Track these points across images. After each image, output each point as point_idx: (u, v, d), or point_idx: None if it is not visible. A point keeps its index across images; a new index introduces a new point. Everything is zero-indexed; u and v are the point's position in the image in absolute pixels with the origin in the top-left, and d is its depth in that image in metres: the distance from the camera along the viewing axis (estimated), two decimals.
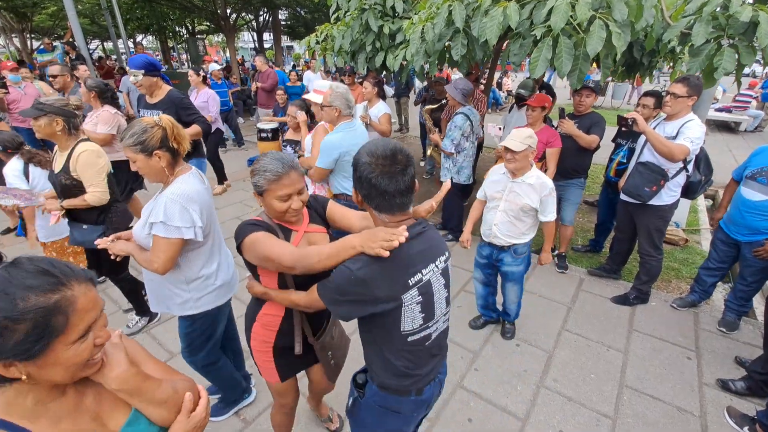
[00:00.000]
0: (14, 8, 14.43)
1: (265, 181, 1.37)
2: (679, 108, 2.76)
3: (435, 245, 1.29)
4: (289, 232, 1.48)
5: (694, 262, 3.94)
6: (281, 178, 1.36)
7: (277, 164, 1.38)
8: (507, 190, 2.53)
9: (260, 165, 1.40)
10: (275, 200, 1.38)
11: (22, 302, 0.67)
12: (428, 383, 1.37)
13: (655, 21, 2.77)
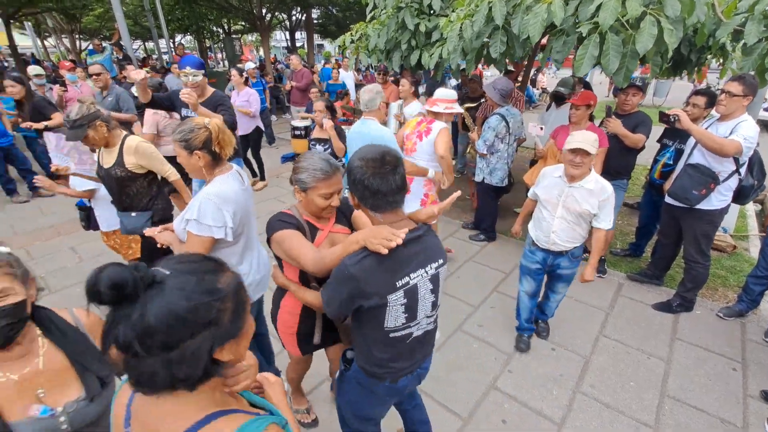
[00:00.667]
0: (64, 10, 15.26)
1: (312, 179, 1.46)
2: (734, 108, 2.62)
3: (430, 251, 1.34)
4: (315, 230, 1.57)
5: (742, 269, 3.74)
6: (329, 178, 1.47)
7: (325, 164, 1.47)
8: (564, 195, 2.35)
9: (308, 163, 1.47)
10: (318, 197, 1.47)
11: (220, 283, 0.71)
12: (404, 376, 1.47)
13: (706, 17, 2.64)
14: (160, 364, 0.66)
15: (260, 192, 5.79)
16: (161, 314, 0.64)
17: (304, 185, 1.47)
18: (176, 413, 0.72)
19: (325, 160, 1.48)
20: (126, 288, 0.63)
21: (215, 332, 0.69)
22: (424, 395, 2.43)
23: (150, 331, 0.64)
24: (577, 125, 3.26)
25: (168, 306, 0.65)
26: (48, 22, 17.89)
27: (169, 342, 0.65)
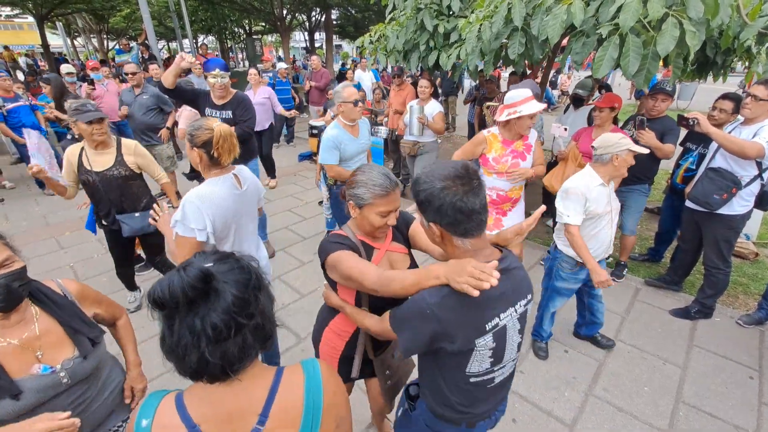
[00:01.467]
0: (94, 10, 15.79)
1: (370, 195, 1.33)
2: (760, 112, 2.57)
3: (519, 285, 1.18)
4: (371, 249, 1.44)
5: (764, 277, 3.64)
6: (389, 194, 1.34)
7: (385, 180, 1.34)
8: (611, 200, 2.34)
9: (366, 177, 1.35)
10: (375, 215, 1.35)
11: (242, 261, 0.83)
12: (482, 420, 1.30)
13: (731, 19, 2.59)
14: (251, 332, 0.76)
15: (276, 190, 5.90)
16: (240, 287, 0.76)
17: (360, 201, 1.35)
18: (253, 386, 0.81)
19: (384, 175, 1.34)
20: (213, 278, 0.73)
21: (268, 295, 0.83)
22: None
23: (242, 301, 0.75)
24: (601, 128, 3.23)
25: (238, 280, 0.77)
26: (78, 23, 18.54)
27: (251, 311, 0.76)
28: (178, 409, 0.79)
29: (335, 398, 0.87)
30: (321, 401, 0.84)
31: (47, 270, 3.92)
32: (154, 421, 0.78)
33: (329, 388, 0.87)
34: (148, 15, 7.51)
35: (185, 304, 0.71)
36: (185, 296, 0.70)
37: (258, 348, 0.79)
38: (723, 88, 3.87)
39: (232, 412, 0.79)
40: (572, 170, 3.34)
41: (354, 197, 1.37)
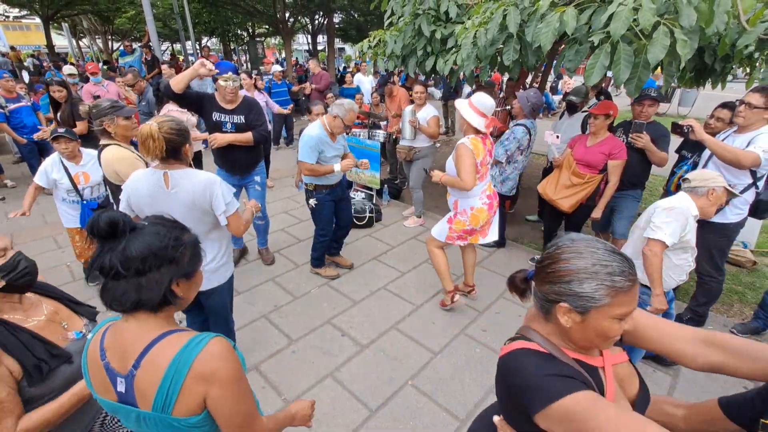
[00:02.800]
0: (99, 12, 15.95)
1: (607, 292, 0.84)
2: (754, 120, 2.57)
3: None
4: (594, 371, 0.94)
5: (762, 286, 3.62)
6: (634, 286, 0.87)
7: (623, 263, 0.87)
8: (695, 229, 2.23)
9: (593, 262, 0.86)
10: (611, 321, 0.86)
11: (183, 237, 0.98)
12: None
13: (727, 26, 2.60)
14: (132, 288, 0.90)
15: (273, 191, 5.92)
16: (140, 248, 0.90)
17: (588, 303, 0.85)
18: (140, 334, 0.94)
19: (615, 253, 0.88)
20: (118, 226, 0.88)
21: (175, 269, 0.95)
22: (425, 397, 2.46)
23: (130, 258, 0.89)
24: (596, 135, 3.23)
25: (145, 242, 0.91)
26: (83, 24, 18.73)
27: (142, 269, 0.90)
28: (102, 335, 0.99)
29: (206, 379, 0.90)
30: (185, 371, 0.89)
31: (45, 268, 3.95)
32: (93, 338, 1.00)
33: (199, 368, 0.90)
34: (151, 17, 7.57)
35: (98, 237, 0.88)
36: (94, 229, 0.87)
37: (131, 304, 0.91)
38: (725, 95, 3.87)
39: (125, 346, 0.94)
40: (566, 177, 3.35)
41: (572, 297, 0.87)
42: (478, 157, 2.72)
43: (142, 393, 0.92)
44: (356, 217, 4.74)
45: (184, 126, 1.93)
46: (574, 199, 3.29)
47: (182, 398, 0.90)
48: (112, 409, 0.99)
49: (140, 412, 0.93)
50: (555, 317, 0.91)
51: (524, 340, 0.96)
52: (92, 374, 0.98)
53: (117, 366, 0.94)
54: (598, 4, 2.56)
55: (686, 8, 2.33)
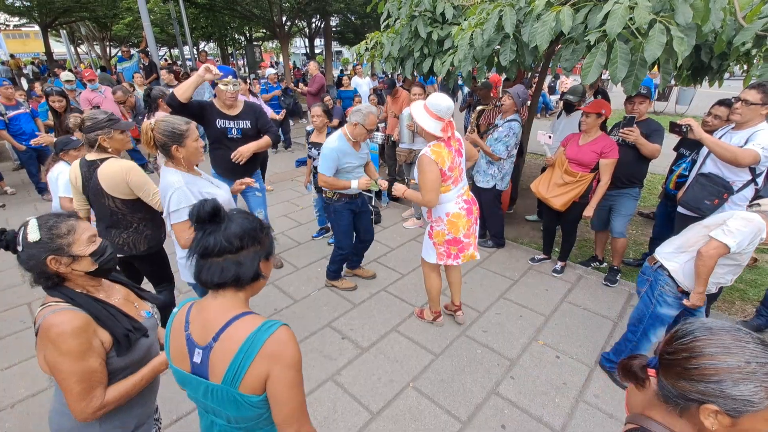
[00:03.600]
0: (97, 18, 16.00)
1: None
2: (750, 116, 2.56)
3: None
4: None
5: (764, 283, 3.61)
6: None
7: None
8: None
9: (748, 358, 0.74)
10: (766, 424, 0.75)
11: (263, 224, 1.13)
12: None
13: (723, 23, 2.60)
14: (232, 263, 1.04)
15: (273, 194, 5.92)
16: (237, 229, 1.04)
17: (743, 407, 0.74)
18: (223, 311, 1.05)
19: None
20: (220, 211, 1.04)
21: (261, 249, 1.09)
22: (427, 399, 2.44)
23: (232, 236, 1.03)
24: (588, 134, 3.23)
25: (240, 224, 1.05)
26: (81, 30, 18.78)
27: (241, 245, 1.04)
28: (187, 310, 1.12)
29: (272, 358, 1.01)
30: (257, 348, 1.00)
31: None
32: (180, 309, 1.14)
33: (269, 349, 1.01)
34: (148, 23, 7.59)
35: (201, 223, 1.03)
36: (199, 217, 1.02)
37: (231, 279, 1.04)
38: (723, 93, 3.87)
39: (209, 320, 1.06)
40: (559, 176, 3.35)
41: (723, 399, 0.75)
42: (443, 165, 2.45)
43: (215, 365, 1.03)
44: None
45: (178, 130, 1.99)
46: (567, 197, 3.30)
47: (249, 373, 1.00)
48: (183, 380, 1.10)
49: (210, 384, 1.04)
50: (694, 417, 0.80)
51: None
52: (173, 344, 1.11)
53: (197, 338, 1.06)
54: (594, 3, 2.56)
55: (682, 6, 2.33)
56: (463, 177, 2.68)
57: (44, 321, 1.17)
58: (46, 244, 1.21)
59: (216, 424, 1.13)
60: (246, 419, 1.07)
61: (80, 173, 2.39)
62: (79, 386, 1.17)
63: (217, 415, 1.10)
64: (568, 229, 3.64)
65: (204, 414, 1.17)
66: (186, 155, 2.04)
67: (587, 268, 3.85)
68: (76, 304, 1.24)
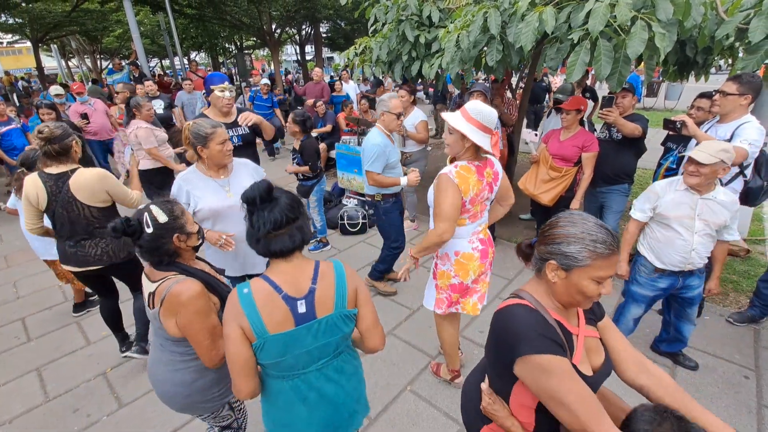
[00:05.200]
0: (87, 32, 15.98)
1: (589, 254, 1.01)
2: (730, 108, 2.60)
3: None
4: (570, 336, 1.11)
5: (757, 274, 3.63)
6: (613, 254, 1.03)
7: (607, 235, 1.03)
8: (699, 207, 2.16)
9: (581, 230, 1.03)
10: (590, 281, 1.03)
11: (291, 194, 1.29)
12: None
13: (705, 18, 2.63)
14: (297, 230, 1.23)
15: None
16: (288, 202, 1.23)
17: (572, 262, 1.03)
18: (304, 265, 1.30)
19: (604, 228, 1.04)
20: (272, 190, 1.22)
21: (305, 215, 1.29)
22: (424, 402, 2.43)
23: (289, 208, 1.21)
24: (569, 129, 3.29)
25: (287, 198, 1.23)
26: (72, 44, 18.75)
27: (297, 214, 1.23)
28: (265, 280, 1.25)
29: (353, 276, 1.37)
30: (344, 273, 1.34)
31: (37, 290, 3.92)
32: (252, 288, 1.23)
33: (348, 271, 1.37)
34: (137, 34, 7.60)
35: (259, 203, 1.19)
36: (260, 197, 1.18)
37: (300, 241, 1.24)
38: (709, 87, 3.90)
39: (297, 277, 1.26)
40: (544, 172, 3.41)
41: (560, 256, 1.05)
42: (466, 194, 1.95)
43: (322, 302, 1.26)
44: (349, 224, 4.73)
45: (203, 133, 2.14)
46: (554, 193, 3.37)
47: (349, 291, 1.32)
48: (287, 341, 1.23)
49: (321, 320, 1.27)
50: (545, 274, 1.09)
51: (517, 298, 1.14)
52: (268, 313, 1.21)
53: (295, 292, 1.24)
54: (576, 2, 2.59)
55: (662, 2, 2.36)
56: (484, 215, 2.16)
57: (173, 290, 1.37)
58: (172, 224, 1.44)
59: (315, 377, 1.32)
60: (346, 336, 1.36)
61: (44, 188, 2.26)
62: (208, 339, 1.40)
63: (322, 354, 1.31)
64: None
65: (296, 382, 1.31)
66: (209, 155, 2.19)
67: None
68: (190, 275, 1.45)
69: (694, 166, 2.08)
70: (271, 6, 13.29)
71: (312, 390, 1.33)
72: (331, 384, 1.36)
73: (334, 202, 5.39)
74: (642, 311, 2.54)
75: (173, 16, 11.25)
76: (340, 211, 4.83)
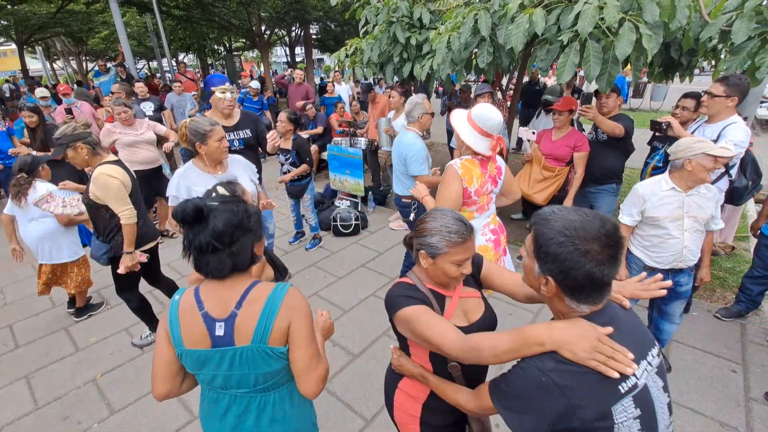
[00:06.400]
0: (72, 33, 15.71)
1: (446, 244, 1.21)
2: (717, 109, 2.65)
3: (640, 333, 1.01)
4: (442, 298, 1.31)
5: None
6: (466, 241, 1.22)
7: (461, 226, 1.24)
8: (686, 205, 2.18)
9: (441, 224, 1.24)
10: (450, 265, 1.23)
11: (249, 208, 1.17)
12: None
13: (689, 20, 2.69)
14: (227, 256, 1.11)
15: None
16: (224, 224, 1.09)
17: (434, 250, 1.23)
18: (237, 285, 1.17)
19: (459, 221, 1.25)
20: (203, 211, 1.07)
21: (251, 235, 1.15)
22: None
23: (220, 233, 1.08)
24: (560, 130, 3.34)
25: (226, 219, 1.09)
26: (57, 46, 18.43)
27: (231, 240, 1.10)
28: (194, 292, 1.18)
29: (291, 309, 1.16)
30: (279, 303, 1.15)
31: (25, 296, 3.84)
32: (182, 297, 1.18)
33: (287, 301, 1.17)
34: (124, 36, 7.51)
35: (187, 224, 1.08)
36: (184, 220, 1.06)
37: (230, 267, 1.13)
38: (693, 87, 3.99)
39: (223, 297, 1.16)
40: (538, 172, 3.44)
41: (426, 246, 1.25)
42: (470, 185, 2.16)
43: (240, 330, 1.13)
44: (342, 225, 4.73)
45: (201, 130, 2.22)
46: (548, 192, 3.42)
47: (276, 326, 1.13)
48: (202, 360, 1.15)
49: (238, 349, 1.14)
50: (419, 261, 1.31)
51: (404, 277, 1.37)
52: (186, 327, 1.15)
53: (216, 313, 1.14)
54: (566, 4, 2.63)
55: (649, 4, 2.41)
56: (491, 206, 2.37)
57: None
58: None
59: (236, 401, 1.23)
60: (273, 374, 1.20)
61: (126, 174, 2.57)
62: None
63: (241, 384, 1.19)
64: None
65: (220, 395, 1.23)
66: (207, 152, 2.25)
67: None
68: None
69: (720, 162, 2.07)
70: (260, 7, 13.23)
71: (230, 413, 1.23)
72: (251, 417, 1.23)
73: (326, 204, 5.38)
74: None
75: (161, 18, 11.14)
76: (332, 212, 4.83)
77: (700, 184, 2.14)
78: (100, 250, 2.64)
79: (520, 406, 0.94)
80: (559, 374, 0.89)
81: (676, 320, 2.51)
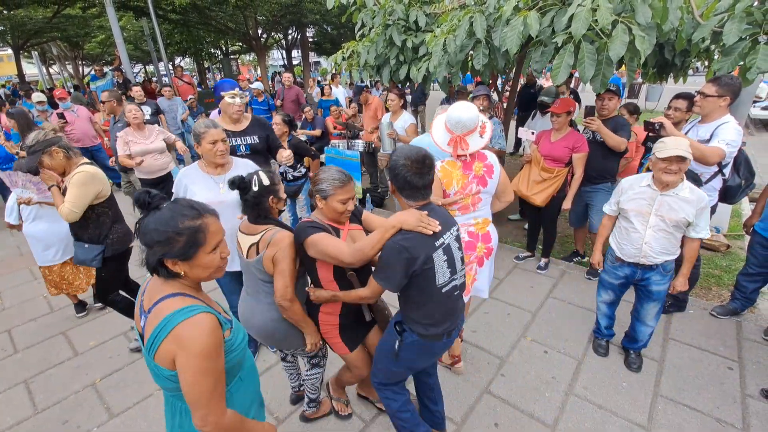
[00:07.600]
0: (68, 38, 15.69)
1: (331, 187, 1.69)
2: (710, 109, 2.68)
3: (447, 219, 1.70)
4: (337, 231, 1.78)
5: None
6: (345, 185, 1.71)
7: (341, 174, 1.73)
8: (657, 203, 2.23)
9: (327, 174, 1.72)
10: (337, 203, 1.70)
11: (181, 223, 1.11)
12: (455, 329, 1.79)
13: (681, 21, 2.73)
14: (150, 254, 1.11)
15: None
16: (149, 225, 1.11)
17: (324, 193, 1.70)
18: (158, 289, 1.16)
19: (340, 171, 1.74)
20: (149, 204, 1.13)
21: (166, 250, 1.10)
22: None
23: (144, 231, 1.11)
24: (559, 131, 3.35)
25: (153, 219, 1.11)
26: (53, 50, 18.40)
27: (146, 241, 1.11)
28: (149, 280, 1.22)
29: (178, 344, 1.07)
30: (168, 329, 1.07)
31: (22, 301, 3.82)
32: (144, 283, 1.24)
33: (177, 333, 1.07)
34: (121, 40, 7.51)
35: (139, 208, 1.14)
36: (137, 202, 1.13)
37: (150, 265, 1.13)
38: (687, 88, 4.02)
39: (150, 294, 1.17)
40: (536, 173, 3.44)
41: (319, 191, 1.72)
42: (449, 187, 2.22)
43: (146, 333, 1.14)
44: None
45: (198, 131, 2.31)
46: (546, 193, 3.42)
47: (161, 349, 1.08)
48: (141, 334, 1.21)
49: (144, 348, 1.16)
50: (317, 204, 1.76)
51: (308, 218, 1.80)
52: (136, 307, 1.24)
53: (145, 306, 1.18)
54: (559, 7, 2.66)
55: (641, 6, 2.44)
56: (477, 207, 2.33)
57: (277, 235, 1.74)
58: (271, 188, 1.80)
59: (167, 400, 1.30)
60: (164, 388, 1.20)
61: None
62: (288, 276, 1.73)
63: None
64: (548, 224, 3.73)
65: None
66: (202, 153, 2.37)
67: (570, 264, 3.93)
68: (282, 227, 1.82)
69: (677, 164, 2.09)
70: (257, 11, 13.26)
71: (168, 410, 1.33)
72: (175, 420, 1.29)
73: None
74: (611, 297, 2.66)
75: (157, 22, 11.14)
76: None
77: (667, 185, 2.18)
78: (91, 253, 2.59)
79: (388, 269, 1.57)
80: (403, 239, 1.53)
81: (649, 322, 2.54)
